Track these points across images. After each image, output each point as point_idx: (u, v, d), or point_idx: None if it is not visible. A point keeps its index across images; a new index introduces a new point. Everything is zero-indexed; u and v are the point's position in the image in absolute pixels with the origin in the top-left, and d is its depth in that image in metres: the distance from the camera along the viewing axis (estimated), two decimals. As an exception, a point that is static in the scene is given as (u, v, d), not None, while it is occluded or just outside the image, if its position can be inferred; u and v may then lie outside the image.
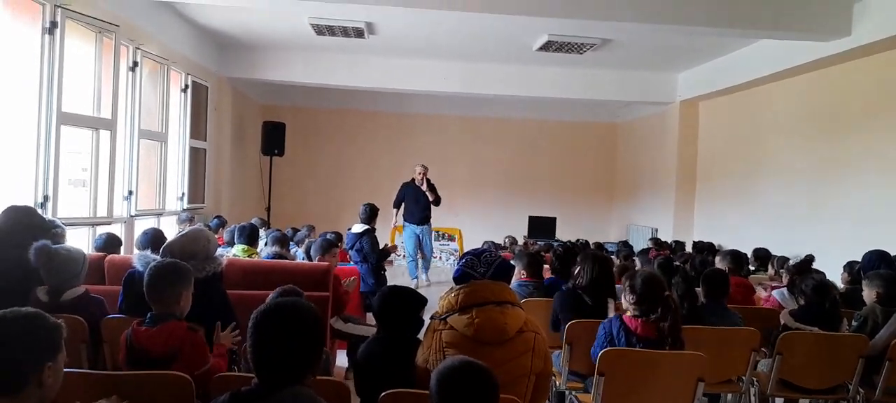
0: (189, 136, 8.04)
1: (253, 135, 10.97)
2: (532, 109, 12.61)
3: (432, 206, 8.80)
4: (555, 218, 12.03)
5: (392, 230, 11.85)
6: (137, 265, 3.35)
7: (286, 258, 5.07)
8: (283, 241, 5.22)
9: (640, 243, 10.11)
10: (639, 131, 12.46)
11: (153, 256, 3.31)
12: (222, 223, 7.62)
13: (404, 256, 10.04)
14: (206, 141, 8.72)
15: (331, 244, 4.77)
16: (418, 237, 8.84)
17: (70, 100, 5.19)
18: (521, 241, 9.84)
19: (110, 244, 4.59)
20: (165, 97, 7.29)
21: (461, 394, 1.75)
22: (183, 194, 7.94)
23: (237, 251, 5.19)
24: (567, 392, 3.56)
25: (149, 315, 2.73)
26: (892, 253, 4.97)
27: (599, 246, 8.34)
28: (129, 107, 6.33)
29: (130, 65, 6.37)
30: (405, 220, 8.90)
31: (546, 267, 5.19)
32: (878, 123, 6.70)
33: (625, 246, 8.53)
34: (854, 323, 4.03)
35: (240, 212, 9.56)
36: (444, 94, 10.75)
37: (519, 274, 4.68)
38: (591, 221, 13.09)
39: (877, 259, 4.73)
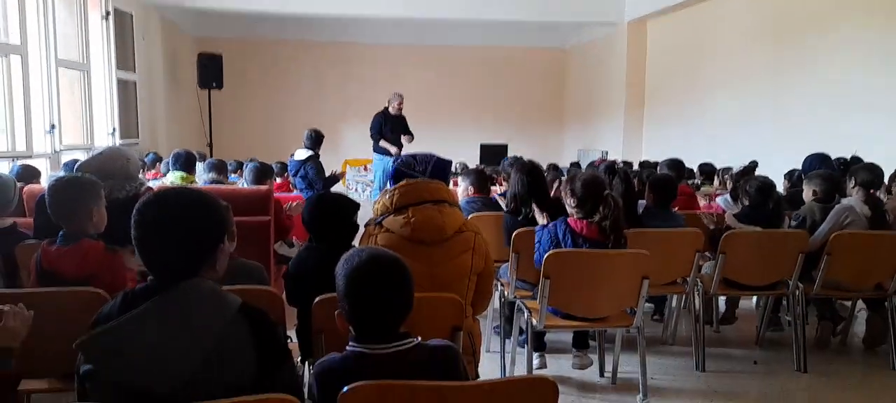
0: (116, 67, 7.53)
1: (188, 67, 10.42)
2: (481, 36, 12.34)
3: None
4: (506, 146, 11.94)
5: (343, 163, 11.63)
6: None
7: (224, 184, 4.83)
8: (220, 168, 4.96)
9: (590, 166, 10.18)
10: (588, 54, 12.37)
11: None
12: (158, 158, 7.27)
13: (357, 189, 9.86)
14: (135, 72, 8.20)
15: (264, 170, 4.55)
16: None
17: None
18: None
19: (27, 175, 4.26)
20: (84, 23, 6.76)
21: (370, 289, 1.59)
22: (114, 129, 7.50)
23: (174, 179, 4.93)
24: (516, 300, 3.52)
25: (60, 234, 2.51)
26: (833, 157, 5.06)
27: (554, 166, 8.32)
28: (41, 32, 5.83)
29: (39, -14, 5.84)
30: (376, 151, 8.50)
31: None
32: (815, 34, 6.77)
33: (576, 166, 8.56)
34: (793, 222, 4.09)
35: (178, 148, 9.13)
36: (387, 19, 10.39)
37: (466, 192, 4.59)
38: (543, 147, 13.05)
39: (818, 160, 4.80)
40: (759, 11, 7.82)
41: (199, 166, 5.70)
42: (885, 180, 4.42)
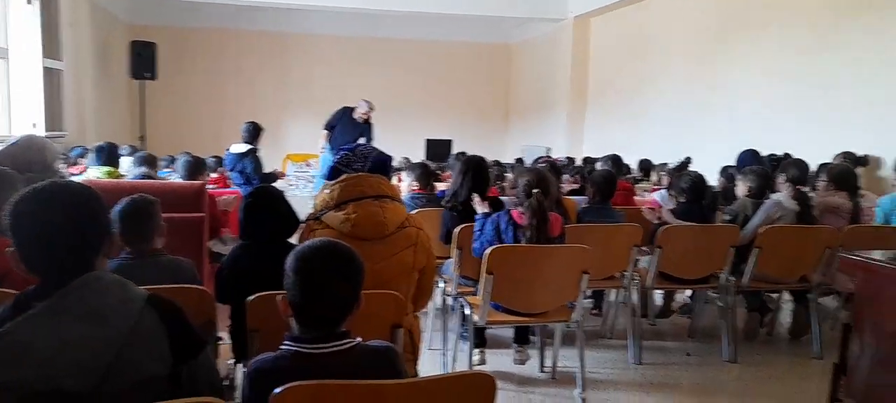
0: (41, 55, 7.12)
1: (120, 56, 9.97)
2: (426, 30, 12.31)
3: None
4: (451, 141, 11.96)
5: (284, 158, 11.38)
6: (-40, 182, 2.89)
7: (155, 179, 4.64)
8: (150, 162, 4.76)
9: (534, 162, 10.28)
10: (533, 50, 12.51)
11: (-21, 170, 2.86)
12: (84, 153, 6.93)
13: (298, 185, 9.68)
14: (62, 61, 7.78)
15: (197, 164, 4.39)
16: None
17: None
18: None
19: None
20: (4, 7, 6.36)
21: (320, 273, 1.54)
22: (35, 122, 7.09)
23: (98, 174, 4.69)
24: (458, 297, 3.51)
25: (-31, 232, 2.34)
26: (764, 154, 5.28)
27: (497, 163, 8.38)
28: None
29: (-47, -35, 5.46)
30: (331, 145, 8.31)
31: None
32: (752, 34, 7.04)
33: (519, 162, 8.66)
34: (726, 217, 4.24)
35: (108, 141, 8.74)
36: (329, 10, 10.22)
37: (411, 187, 4.55)
38: (487, 142, 13.11)
39: (749, 156, 5.00)
40: (698, 11, 8.07)
41: (128, 160, 5.46)
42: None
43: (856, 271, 2.61)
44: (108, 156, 4.61)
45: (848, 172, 4.29)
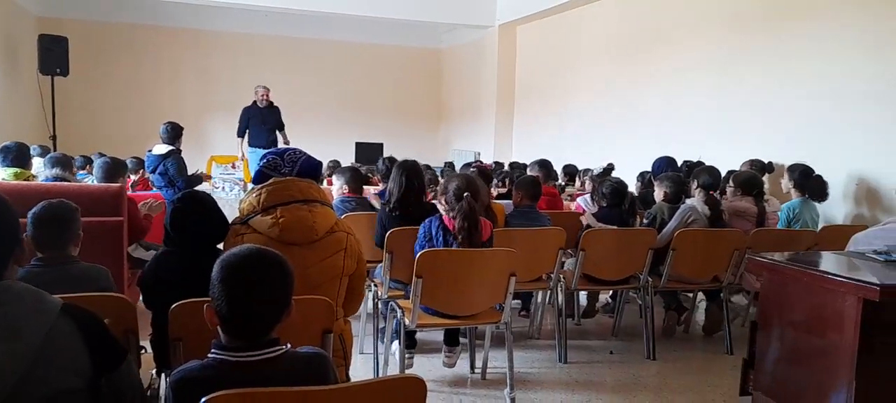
0: (-64, 47, 6.62)
1: (28, 51, 9.37)
2: (356, 32, 12.22)
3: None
4: (382, 144, 11.92)
5: (208, 160, 11.00)
6: None
7: (70, 181, 4.40)
8: (65, 163, 4.50)
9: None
10: (462, 56, 12.65)
11: None
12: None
13: (223, 188, 9.38)
14: (-39, 54, 7.26)
15: (116, 166, 4.20)
16: None
17: None
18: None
19: None
20: None
21: (248, 283, 1.50)
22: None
23: (6, 175, 4.40)
24: (389, 301, 3.51)
25: None
26: (681, 160, 5.54)
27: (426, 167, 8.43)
28: None
29: None
30: (251, 145, 8.32)
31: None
32: (669, 46, 7.39)
33: (450, 166, 8.71)
34: (645, 221, 4.44)
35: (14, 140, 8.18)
36: (254, 9, 9.99)
37: (341, 190, 4.52)
38: (418, 146, 13.16)
39: (665, 163, 5.24)
40: (618, 23, 8.40)
41: (39, 161, 5.16)
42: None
43: (762, 271, 2.80)
44: (18, 155, 4.34)
45: (753, 178, 4.58)
